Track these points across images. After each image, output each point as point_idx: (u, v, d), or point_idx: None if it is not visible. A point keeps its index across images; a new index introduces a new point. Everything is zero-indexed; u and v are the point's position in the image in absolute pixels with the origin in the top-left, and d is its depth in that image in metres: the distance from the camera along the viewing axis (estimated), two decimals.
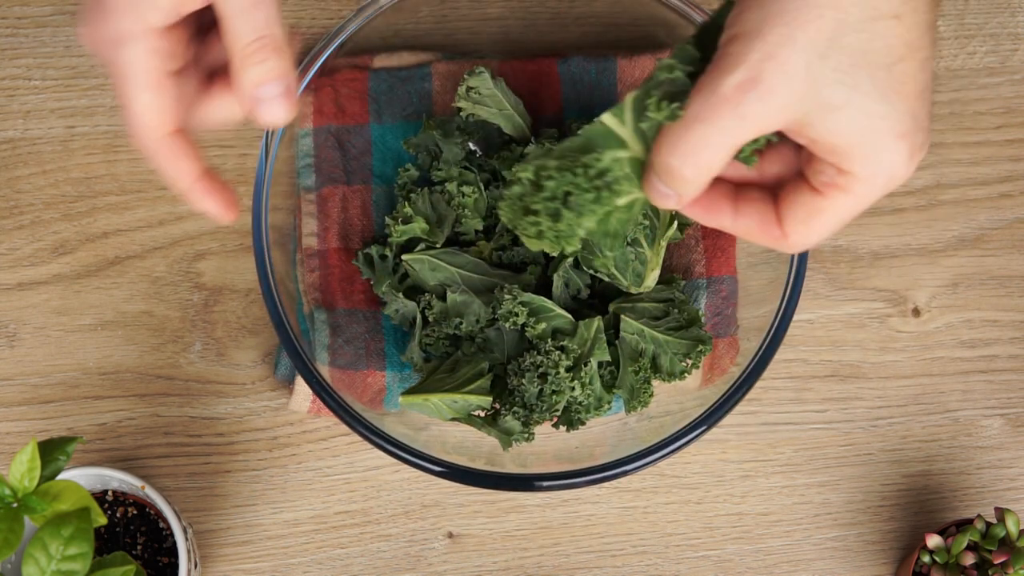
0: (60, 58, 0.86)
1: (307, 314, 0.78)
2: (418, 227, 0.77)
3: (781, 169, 0.54)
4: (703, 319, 0.78)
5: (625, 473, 0.70)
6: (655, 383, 0.77)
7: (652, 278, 0.76)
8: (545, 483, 0.70)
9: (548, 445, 0.77)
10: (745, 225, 0.55)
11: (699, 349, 0.76)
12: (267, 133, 0.73)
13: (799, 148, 0.53)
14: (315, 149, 0.80)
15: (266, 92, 0.53)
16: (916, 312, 0.87)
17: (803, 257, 0.72)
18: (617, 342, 0.77)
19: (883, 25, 0.48)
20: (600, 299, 0.79)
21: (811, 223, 0.53)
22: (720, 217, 0.55)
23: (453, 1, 0.84)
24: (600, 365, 0.76)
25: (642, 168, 0.53)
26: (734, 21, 0.49)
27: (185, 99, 0.56)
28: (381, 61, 0.83)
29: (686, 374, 0.76)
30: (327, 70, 0.77)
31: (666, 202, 0.53)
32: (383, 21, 0.76)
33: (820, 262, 0.87)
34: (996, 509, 0.77)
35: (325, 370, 0.77)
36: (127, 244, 0.84)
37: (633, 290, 0.77)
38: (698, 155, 0.50)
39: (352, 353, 0.78)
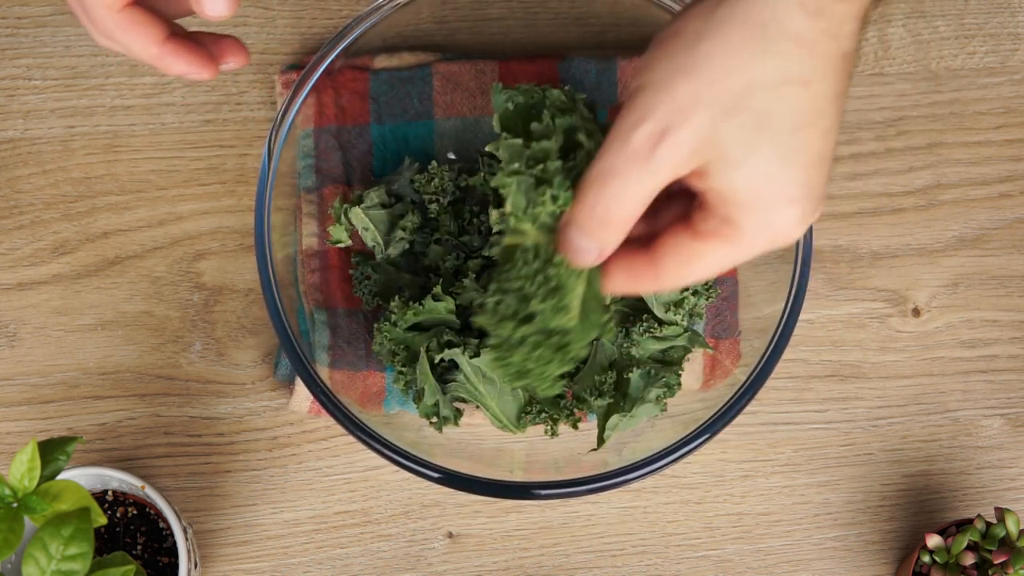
0: (60, 58, 0.86)
1: (307, 314, 0.78)
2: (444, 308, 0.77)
3: (671, 220, 0.55)
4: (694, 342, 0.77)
5: (627, 482, 0.70)
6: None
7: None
8: (544, 491, 0.70)
9: (549, 450, 0.77)
10: (613, 273, 0.56)
11: (663, 391, 0.75)
12: (271, 133, 0.73)
13: (691, 198, 0.54)
14: (316, 150, 0.80)
15: None
16: (916, 312, 0.87)
17: (806, 258, 0.72)
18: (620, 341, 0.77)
19: (791, 90, 0.49)
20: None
21: (689, 266, 0.54)
22: (638, 277, 0.56)
23: (454, 2, 0.84)
24: (611, 366, 0.76)
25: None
26: (642, 70, 0.50)
27: None
28: (382, 62, 0.83)
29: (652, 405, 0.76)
30: (328, 71, 0.77)
31: (586, 258, 0.54)
32: (384, 22, 0.76)
33: (820, 262, 0.87)
34: (996, 509, 0.77)
35: (325, 372, 0.77)
36: (127, 244, 0.84)
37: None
38: (619, 206, 0.51)
39: (352, 354, 0.78)
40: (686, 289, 0.74)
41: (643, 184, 0.50)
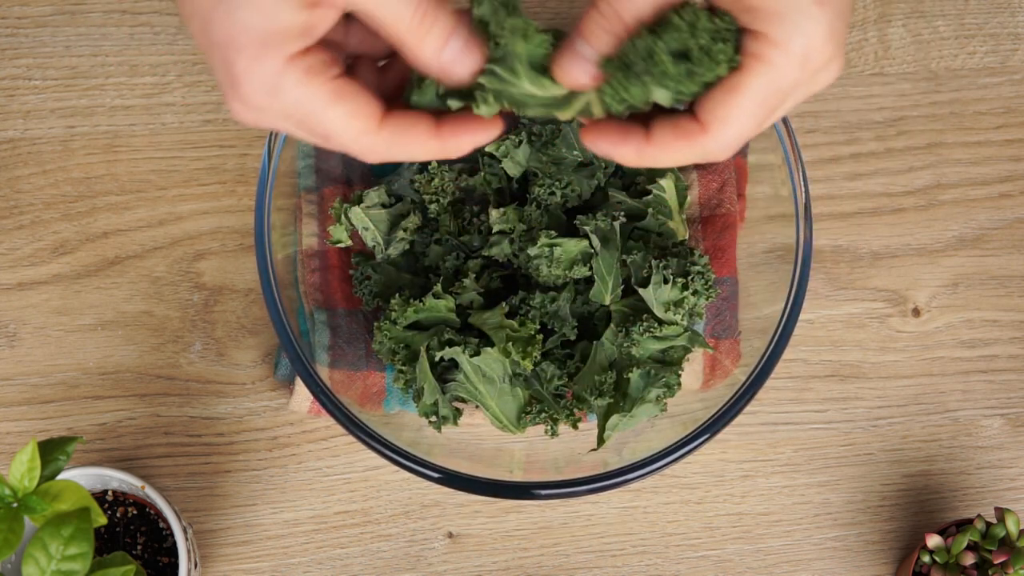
0: (60, 58, 0.86)
1: (307, 314, 0.78)
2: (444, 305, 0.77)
3: None
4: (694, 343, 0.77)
5: (627, 482, 0.70)
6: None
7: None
8: (544, 491, 0.70)
9: (549, 450, 0.77)
10: (659, 138, 0.52)
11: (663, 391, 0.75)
12: (271, 133, 0.73)
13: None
14: (316, 149, 0.80)
15: (449, 53, 0.52)
16: (916, 312, 0.87)
17: (806, 258, 0.72)
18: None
19: None
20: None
21: (729, 104, 0.50)
22: (632, 140, 0.53)
23: (453, 2, 0.84)
24: (611, 366, 0.76)
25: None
26: None
27: (371, 82, 0.55)
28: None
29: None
30: None
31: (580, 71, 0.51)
32: None
33: (820, 262, 0.87)
34: (996, 509, 0.77)
35: (325, 372, 0.77)
36: (127, 244, 0.84)
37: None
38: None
39: (352, 354, 0.78)
40: (686, 289, 0.74)
41: None
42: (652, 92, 0.50)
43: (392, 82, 0.57)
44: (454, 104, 0.54)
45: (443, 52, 0.52)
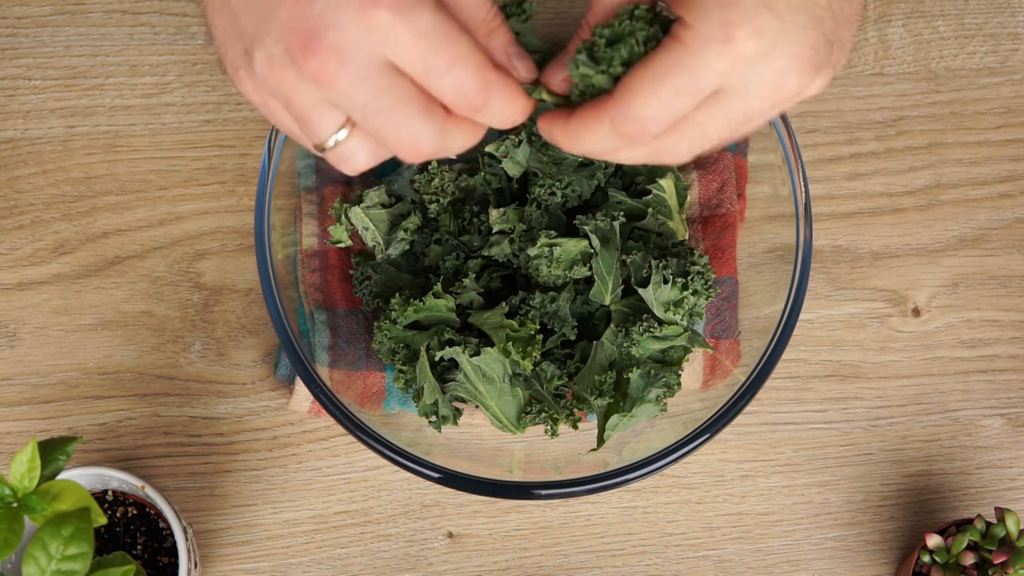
0: (60, 58, 0.86)
1: (307, 314, 0.78)
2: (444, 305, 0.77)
3: None
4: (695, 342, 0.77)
5: (627, 482, 0.70)
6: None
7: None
8: (544, 491, 0.70)
9: (549, 450, 0.77)
10: (579, 112, 0.54)
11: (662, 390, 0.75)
12: (271, 133, 0.73)
13: None
14: None
15: (513, 50, 0.55)
16: (916, 312, 0.87)
17: (806, 258, 0.72)
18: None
19: None
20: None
21: (635, 75, 0.51)
22: (560, 119, 0.55)
23: None
24: (611, 366, 0.76)
25: None
26: None
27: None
28: None
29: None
30: None
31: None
32: None
33: (820, 262, 0.87)
34: (996, 509, 0.77)
35: (325, 372, 0.77)
36: (127, 244, 0.84)
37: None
38: None
39: (352, 354, 0.78)
40: (686, 288, 0.74)
41: None
42: (593, 76, 0.54)
43: None
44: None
45: (508, 47, 0.54)
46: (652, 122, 0.52)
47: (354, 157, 0.54)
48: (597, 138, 0.54)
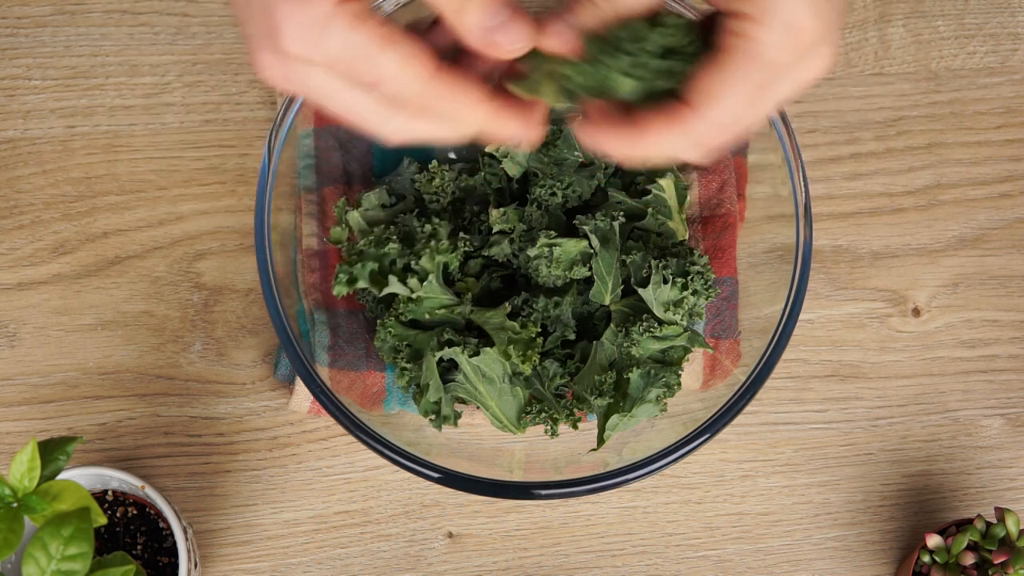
0: (60, 58, 0.86)
1: (307, 314, 0.78)
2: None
3: None
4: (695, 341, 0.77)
5: (627, 482, 0.70)
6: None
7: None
8: (544, 491, 0.70)
9: (549, 450, 0.77)
10: (648, 123, 0.51)
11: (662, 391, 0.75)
12: (271, 133, 0.73)
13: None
14: (316, 149, 0.80)
15: (490, 23, 0.50)
16: (916, 312, 0.87)
17: (806, 258, 0.72)
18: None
19: None
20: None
21: (715, 81, 0.50)
22: (623, 130, 0.53)
23: None
24: (611, 366, 0.76)
25: None
26: None
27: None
28: None
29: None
30: None
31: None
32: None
33: (820, 262, 0.87)
34: (996, 509, 0.77)
35: (325, 372, 0.77)
36: (127, 244, 0.84)
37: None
38: None
39: (352, 354, 0.78)
40: (686, 288, 0.74)
41: None
42: (619, 79, 0.51)
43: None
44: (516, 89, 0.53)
45: (483, 24, 0.50)
46: (733, 125, 0.51)
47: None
48: (666, 147, 0.52)
